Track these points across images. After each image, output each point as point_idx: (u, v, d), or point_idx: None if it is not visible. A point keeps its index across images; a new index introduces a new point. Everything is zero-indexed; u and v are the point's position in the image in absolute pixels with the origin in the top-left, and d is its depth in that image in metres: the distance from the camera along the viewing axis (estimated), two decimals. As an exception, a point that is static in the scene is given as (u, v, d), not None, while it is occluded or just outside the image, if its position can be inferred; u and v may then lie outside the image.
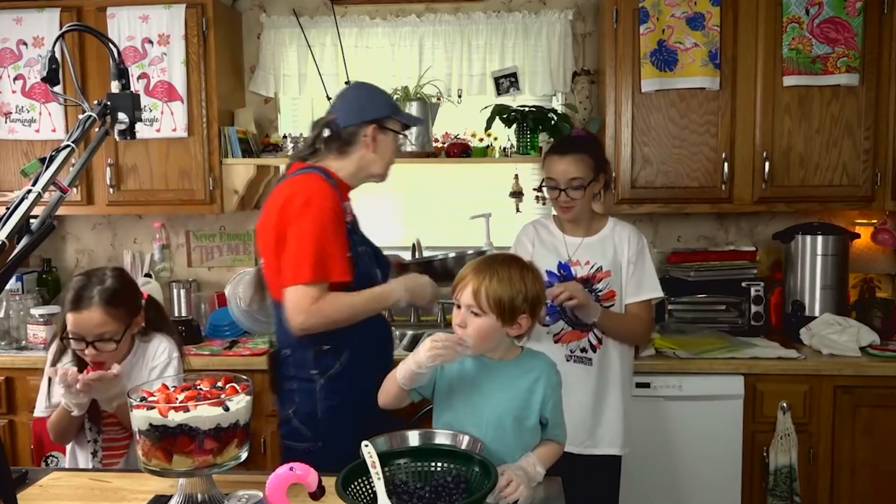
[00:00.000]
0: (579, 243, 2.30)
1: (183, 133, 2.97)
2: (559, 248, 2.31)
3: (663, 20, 2.78)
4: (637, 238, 2.30)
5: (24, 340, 2.96)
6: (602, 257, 2.26)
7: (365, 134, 1.99)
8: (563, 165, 2.22)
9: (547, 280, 2.10)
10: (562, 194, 2.23)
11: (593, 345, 2.23)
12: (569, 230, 2.33)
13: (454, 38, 3.17)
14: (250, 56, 3.30)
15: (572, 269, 2.27)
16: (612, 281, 2.25)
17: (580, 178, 2.20)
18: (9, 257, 1.15)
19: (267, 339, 2.86)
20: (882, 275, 3.08)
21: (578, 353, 2.23)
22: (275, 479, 1.29)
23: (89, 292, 1.85)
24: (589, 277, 2.25)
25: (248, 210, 3.33)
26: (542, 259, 2.26)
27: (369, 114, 2.01)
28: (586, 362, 2.23)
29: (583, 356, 2.23)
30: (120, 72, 1.48)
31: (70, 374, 1.74)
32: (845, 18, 2.72)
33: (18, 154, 3.06)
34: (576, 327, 2.22)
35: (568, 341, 2.23)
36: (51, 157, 1.28)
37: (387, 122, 2.03)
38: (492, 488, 1.32)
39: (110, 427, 1.94)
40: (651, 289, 2.29)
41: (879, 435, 2.58)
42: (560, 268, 2.28)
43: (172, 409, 1.38)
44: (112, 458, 1.96)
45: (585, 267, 2.26)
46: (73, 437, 1.96)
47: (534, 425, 1.63)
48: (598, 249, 2.28)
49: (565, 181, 2.21)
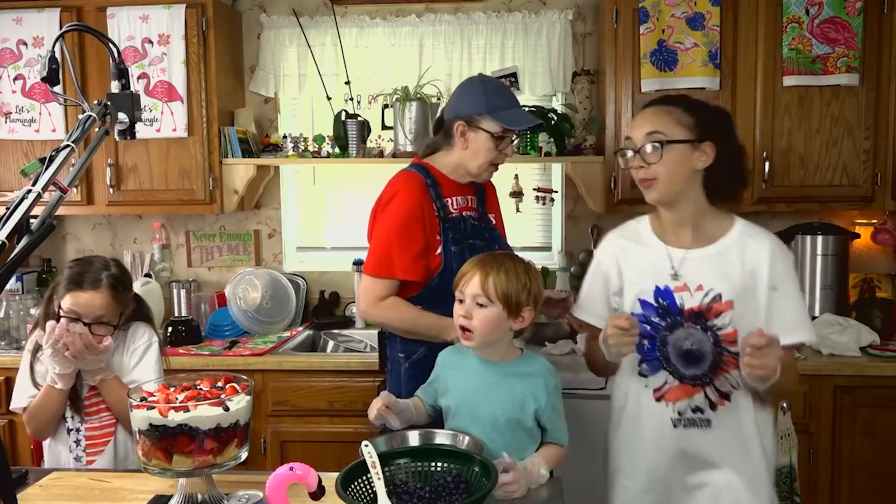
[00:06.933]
0: (683, 257, 1.61)
1: (183, 133, 2.97)
2: (657, 265, 1.63)
3: (663, 20, 2.78)
4: (782, 253, 1.61)
5: (23, 340, 2.95)
6: (721, 279, 1.58)
7: (457, 130, 2.01)
8: (641, 119, 1.64)
9: (640, 313, 1.63)
10: (636, 157, 1.60)
11: (713, 401, 1.59)
12: (672, 236, 1.65)
13: (454, 38, 3.17)
14: (250, 56, 3.30)
15: (676, 297, 1.59)
16: (737, 316, 1.56)
17: (660, 133, 1.57)
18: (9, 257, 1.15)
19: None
20: (882, 275, 3.08)
21: (690, 414, 1.60)
22: (275, 479, 1.29)
23: (97, 275, 1.89)
24: (701, 310, 1.58)
25: (248, 210, 3.33)
26: (633, 285, 1.65)
27: (461, 110, 2.02)
28: (702, 425, 1.60)
29: (696, 417, 1.60)
30: (120, 72, 1.48)
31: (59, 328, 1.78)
32: (845, 18, 2.72)
33: (18, 154, 3.06)
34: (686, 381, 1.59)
35: (675, 399, 1.61)
36: (51, 157, 1.28)
37: (479, 120, 1.99)
38: (492, 488, 1.32)
39: (93, 416, 1.95)
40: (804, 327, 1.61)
41: (880, 435, 2.58)
42: (658, 295, 1.60)
43: (172, 409, 1.38)
44: (96, 446, 1.96)
45: (697, 294, 1.57)
46: (53, 428, 1.95)
47: (530, 427, 1.63)
48: (715, 266, 1.59)
49: (641, 137, 1.59)
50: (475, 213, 2.10)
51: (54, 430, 1.96)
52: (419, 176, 2.03)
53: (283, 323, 3.14)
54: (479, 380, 1.66)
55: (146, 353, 2.02)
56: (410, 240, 1.95)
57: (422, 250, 1.96)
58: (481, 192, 2.17)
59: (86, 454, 1.95)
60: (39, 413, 1.91)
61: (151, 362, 2.02)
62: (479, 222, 2.10)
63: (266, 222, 3.39)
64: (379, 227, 2.01)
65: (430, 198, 2.00)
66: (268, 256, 3.40)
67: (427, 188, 2.00)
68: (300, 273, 3.33)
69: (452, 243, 1.99)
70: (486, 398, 1.63)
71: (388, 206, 2.00)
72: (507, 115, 2.00)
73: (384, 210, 2.00)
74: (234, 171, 3.05)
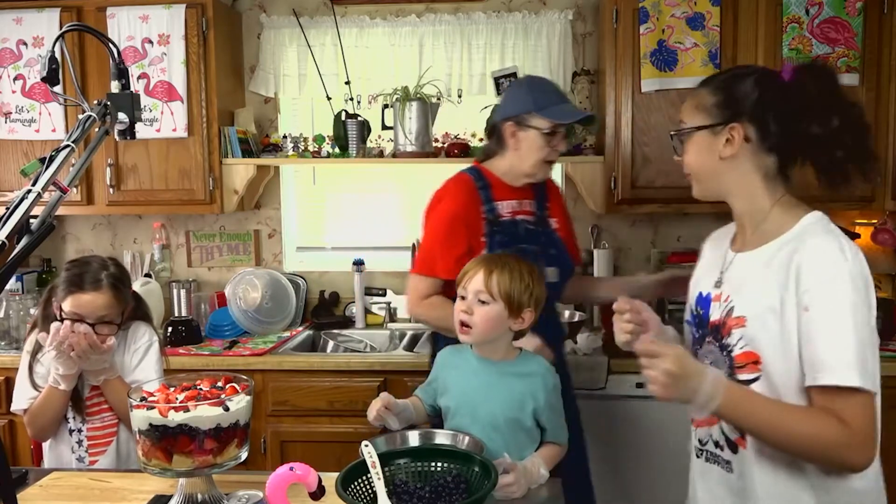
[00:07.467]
0: (732, 261, 1.38)
1: (183, 133, 2.97)
2: (711, 269, 1.44)
3: (663, 20, 2.78)
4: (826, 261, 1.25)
5: (23, 341, 2.95)
6: (746, 288, 1.31)
7: (506, 132, 2.04)
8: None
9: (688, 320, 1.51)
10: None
11: (731, 440, 1.33)
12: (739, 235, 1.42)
13: (454, 38, 3.17)
14: (250, 56, 3.30)
15: (711, 307, 1.39)
16: (751, 336, 1.28)
17: (682, 122, 1.39)
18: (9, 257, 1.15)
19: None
20: (882, 275, 3.08)
21: (711, 447, 1.39)
22: (275, 479, 1.29)
23: (97, 275, 1.90)
24: (718, 325, 1.35)
25: (248, 210, 3.33)
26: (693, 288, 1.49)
27: (509, 111, 2.05)
28: (722, 465, 1.36)
29: (717, 454, 1.37)
30: (120, 72, 1.48)
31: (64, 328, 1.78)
32: (845, 18, 2.72)
33: (18, 154, 3.06)
34: None
35: (699, 425, 1.43)
36: (51, 157, 1.28)
37: (528, 119, 2.01)
38: (492, 488, 1.32)
39: (94, 416, 1.96)
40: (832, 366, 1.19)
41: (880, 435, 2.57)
42: (698, 302, 1.44)
43: (172, 409, 1.38)
44: (98, 446, 1.96)
45: (723, 305, 1.35)
46: (55, 430, 1.95)
47: (530, 427, 1.64)
48: (754, 273, 1.31)
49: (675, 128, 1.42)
50: (531, 217, 2.12)
51: (55, 432, 1.96)
52: (470, 178, 2.08)
53: (283, 323, 3.14)
54: (478, 379, 1.66)
55: (147, 353, 2.02)
56: (454, 241, 2.01)
57: (465, 252, 1.99)
58: (542, 197, 2.19)
59: (88, 454, 1.95)
60: (41, 414, 1.91)
61: (153, 362, 2.02)
62: (534, 226, 2.11)
63: (266, 222, 3.39)
64: (426, 228, 2.10)
65: (479, 200, 2.04)
66: (268, 256, 3.41)
67: (477, 190, 2.05)
68: (300, 273, 3.33)
69: (499, 246, 2.01)
70: (485, 398, 1.64)
71: (437, 207, 2.09)
72: (555, 110, 2.02)
73: (432, 211, 2.10)
74: (234, 171, 3.05)
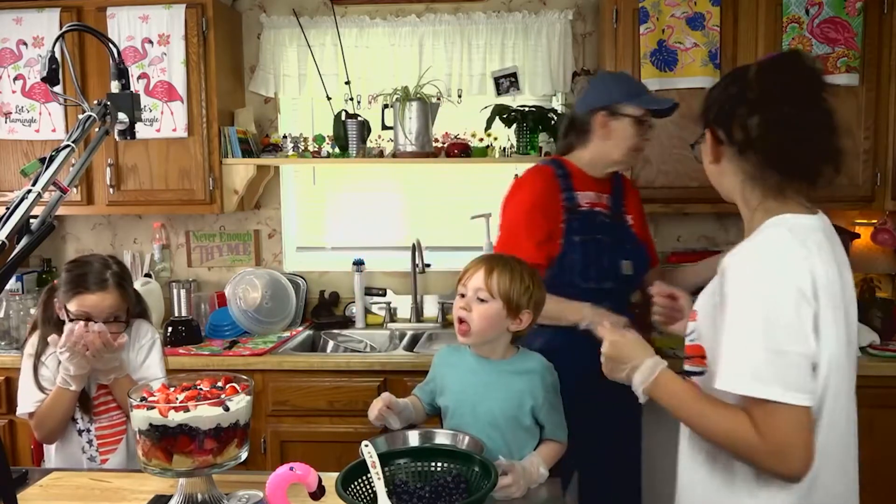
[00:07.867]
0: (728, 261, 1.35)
1: (183, 133, 2.97)
2: None
3: (663, 20, 2.78)
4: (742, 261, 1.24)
5: (23, 342, 2.95)
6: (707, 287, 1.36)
7: (596, 122, 2.08)
8: None
9: None
10: None
11: None
12: None
13: (454, 38, 3.17)
14: (250, 56, 3.30)
15: None
16: (700, 332, 1.32)
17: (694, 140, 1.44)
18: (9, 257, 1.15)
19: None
20: (882, 275, 3.08)
21: None
22: (275, 479, 1.29)
23: (101, 275, 1.90)
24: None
25: (248, 210, 3.33)
26: None
27: (598, 101, 2.10)
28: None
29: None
30: (120, 72, 1.48)
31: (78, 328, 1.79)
32: (845, 18, 2.72)
33: (18, 154, 3.06)
34: None
35: None
36: (51, 157, 1.28)
37: (621, 107, 2.07)
38: (492, 488, 1.32)
39: (102, 416, 1.96)
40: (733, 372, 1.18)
41: (880, 435, 2.58)
42: None
43: (172, 409, 1.38)
44: (108, 445, 1.96)
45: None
46: (62, 431, 1.95)
47: (529, 425, 1.64)
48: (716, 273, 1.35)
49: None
50: (608, 210, 2.17)
51: (63, 433, 1.96)
52: (550, 168, 2.15)
53: (283, 323, 3.14)
54: (476, 378, 1.66)
55: (151, 350, 2.04)
56: (535, 229, 2.05)
57: (545, 237, 2.05)
58: (618, 192, 2.23)
59: (99, 454, 1.95)
60: (51, 416, 1.90)
61: (157, 359, 2.04)
62: (610, 220, 2.16)
63: (266, 222, 3.39)
64: (506, 216, 2.15)
65: (559, 188, 2.10)
66: (268, 256, 3.41)
67: (556, 178, 2.11)
68: (300, 273, 3.33)
69: (576, 233, 2.07)
70: (483, 396, 1.64)
71: (516, 196, 2.14)
72: (647, 98, 2.13)
73: (511, 200, 2.15)
74: (234, 171, 3.05)
